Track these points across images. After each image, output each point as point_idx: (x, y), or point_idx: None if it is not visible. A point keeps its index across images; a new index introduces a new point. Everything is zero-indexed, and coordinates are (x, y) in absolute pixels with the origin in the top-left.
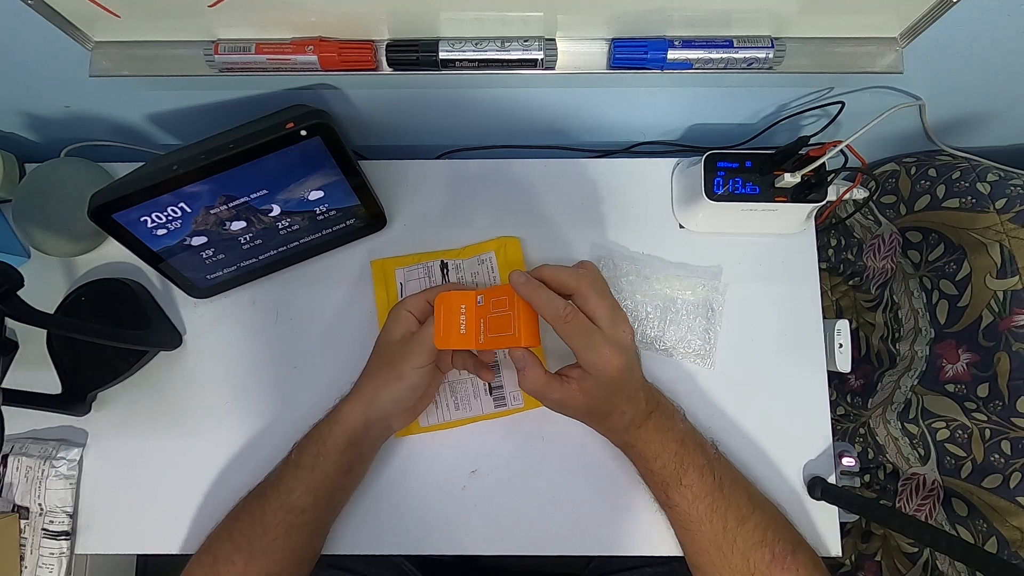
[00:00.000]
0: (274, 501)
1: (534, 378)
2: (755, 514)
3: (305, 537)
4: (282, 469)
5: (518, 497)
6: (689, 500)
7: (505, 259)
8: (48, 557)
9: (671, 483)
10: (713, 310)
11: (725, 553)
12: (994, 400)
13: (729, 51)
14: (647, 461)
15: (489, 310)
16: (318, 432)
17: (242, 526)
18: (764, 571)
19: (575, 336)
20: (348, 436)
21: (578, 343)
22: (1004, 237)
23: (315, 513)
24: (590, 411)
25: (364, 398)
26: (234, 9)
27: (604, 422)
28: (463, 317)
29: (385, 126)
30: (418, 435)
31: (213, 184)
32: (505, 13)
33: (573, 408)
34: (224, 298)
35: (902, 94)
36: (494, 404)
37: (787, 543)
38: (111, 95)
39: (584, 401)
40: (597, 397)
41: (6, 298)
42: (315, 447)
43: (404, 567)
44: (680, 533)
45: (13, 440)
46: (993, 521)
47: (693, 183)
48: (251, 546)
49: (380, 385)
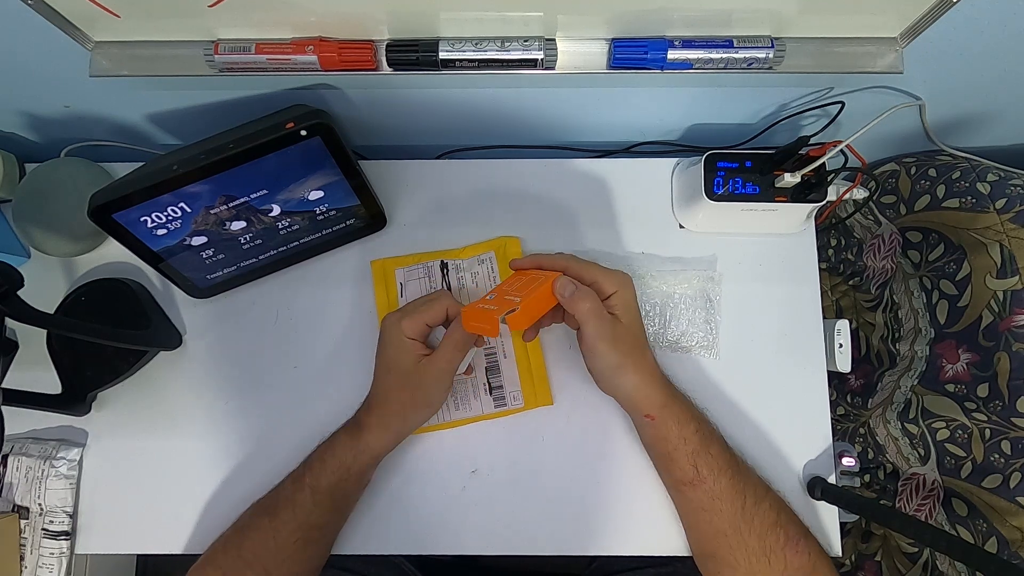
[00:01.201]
0: (290, 522)
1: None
2: (769, 494)
3: (321, 547)
4: (297, 492)
5: (518, 497)
6: (716, 472)
7: (505, 260)
8: (48, 557)
9: (701, 451)
10: (711, 300)
11: (743, 534)
12: (994, 400)
13: (729, 51)
14: (682, 424)
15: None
16: (339, 461)
17: (252, 544)
18: (779, 553)
19: (586, 269)
20: (375, 463)
21: (591, 272)
22: (1004, 237)
23: (333, 527)
24: (633, 344)
25: (392, 428)
26: (234, 9)
27: (640, 367)
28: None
29: (385, 126)
30: (418, 435)
31: (213, 184)
32: (505, 13)
33: (621, 336)
34: (224, 298)
35: (902, 94)
36: (494, 404)
37: (798, 527)
38: (111, 95)
39: (626, 329)
40: (632, 322)
41: (6, 298)
42: (337, 475)
43: (404, 567)
44: (698, 517)
45: (13, 440)
46: (993, 521)
47: (693, 183)
48: (264, 562)
49: (409, 415)
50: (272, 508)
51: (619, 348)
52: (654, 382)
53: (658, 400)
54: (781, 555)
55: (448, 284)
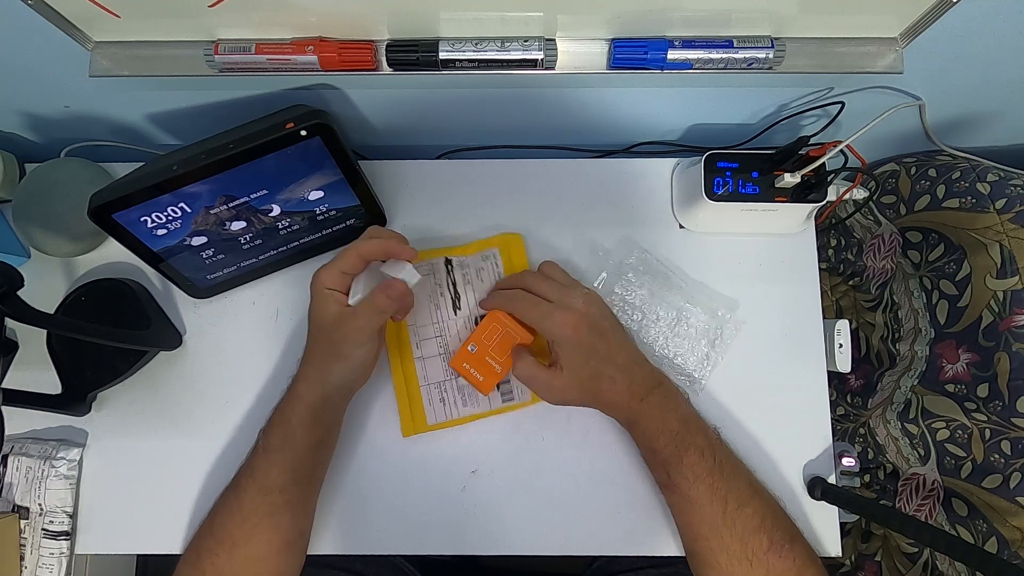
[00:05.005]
0: (250, 488)
1: (523, 365)
2: (754, 500)
3: (288, 517)
4: (253, 456)
5: (518, 497)
6: (689, 480)
7: (508, 255)
8: (48, 557)
9: (672, 461)
10: (722, 339)
11: (723, 537)
12: (994, 400)
13: (729, 51)
14: (649, 438)
15: (487, 346)
16: (280, 414)
17: (221, 519)
18: (762, 557)
19: (529, 314)
20: (312, 412)
21: (533, 319)
22: (1004, 237)
23: (295, 491)
24: (580, 385)
25: (315, 378)
26: (234, 9)
27: (600, 395)
28: (475, 371)
29: (385, 126)
30: (419, 435)
31: (213, 184)
32: (505, 13)
33: (563, 387)
34: (224, 298)
35: (902, 94)
36: (502, 399)
37: (785, 532)
38: (111, 95)
39: (569, 376)
40: (577, 366)
41: (6, 298)
42: (281, 428)
43: (404, 567)
44: (679, 519)
45: (13, 440)
46: (993, 521)
47: (693, 183)
48: (232, 536)
49: (328, 366)
50: (235, 482)
51: (568, 395)
52: (618, 405)
53: (625, 418)
54: (764, 560)
55: (453, 280)
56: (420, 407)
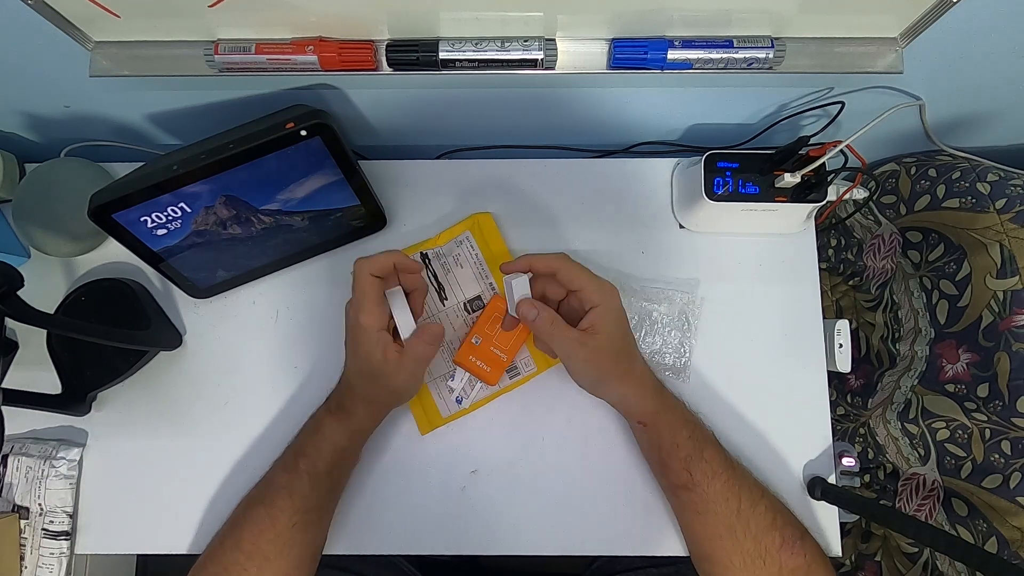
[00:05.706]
0: (287, 508)
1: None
2: (765, 497)
3: (319, 531)
4: (293, 478)
5: (518, 497)
6: (709, 476)
7: (482, 236)
8: (48, 557)
9: (694, 456)
10: (689, 323)
11: (738, 537)
12: (994, 400)
13: (729, 51)
14: (673, 431)
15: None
16: (331, 444)
17: (250, 535)
18: (775, 555)
19: (579, 274)
20: (360, 439)
21: (584, 279)
22: (1004, 237)
23: (330, 507)
24: (616, 354)
25: (374, 412)
26: (234, 9)
27: (629, 374)
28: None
29: (385, 126)
30: (419, 435)
31: (213, 184)
32: (505, 13)
33: (596, 350)
34: (224, 298)
35: (902, 94)
36: (509, 377)
37: (795, 529)
38: (111, 95)
39: (606, 341)
40: (615, 335)
41: (6, 298)
42: (334, 457)
43: (404, 567)
44: (693, 520)
45: (13, 440)
46: (993, 521)
47: (693, 183)
48: (264, 552)
49: (388, 402)
50: (267, 498)
51: (597, 364)
52: (643, 391)
53: (648, 408)
54: (777, 557)
55: (433, 272)
56: (431, 402)
